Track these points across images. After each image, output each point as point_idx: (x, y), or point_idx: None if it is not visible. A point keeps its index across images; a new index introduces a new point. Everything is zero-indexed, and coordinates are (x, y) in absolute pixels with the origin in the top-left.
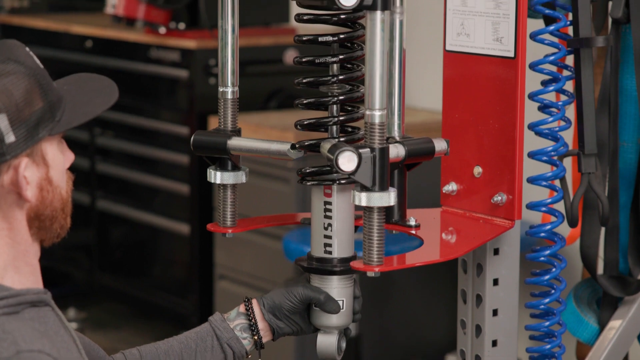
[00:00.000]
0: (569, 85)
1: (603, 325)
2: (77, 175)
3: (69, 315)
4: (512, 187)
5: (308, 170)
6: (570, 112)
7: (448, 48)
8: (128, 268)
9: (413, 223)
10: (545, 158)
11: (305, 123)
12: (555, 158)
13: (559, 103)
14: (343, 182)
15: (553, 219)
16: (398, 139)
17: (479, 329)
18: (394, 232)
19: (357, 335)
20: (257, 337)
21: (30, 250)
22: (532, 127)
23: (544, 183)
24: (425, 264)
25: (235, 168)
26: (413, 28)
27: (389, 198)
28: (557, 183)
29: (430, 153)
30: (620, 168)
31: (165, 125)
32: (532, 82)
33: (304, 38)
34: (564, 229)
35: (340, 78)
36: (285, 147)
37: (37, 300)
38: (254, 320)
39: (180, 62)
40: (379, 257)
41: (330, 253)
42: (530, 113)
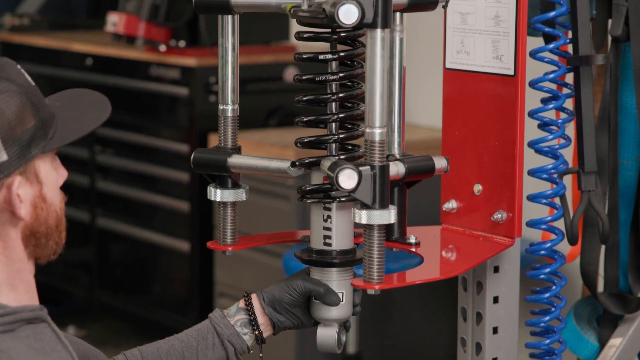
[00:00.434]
0: (569, 103)
1: (603, 343)
2: (77, 193)
3: (69, 333)
4: (512, 204)
5: (308, 188)
6: (570, 129)
7: (448, 66)
8: (128, 286)
9: (413, 241)
10: (545, 176)
11: (306, 141)
12: (555, 176)
13: (559, 121)
14: (343, 199)
15: (553, 237)
16: (398, 157)
17: (479, 347)
18: (394, 249)
19: (357, 353)
20: (257, 332)
21: (26, 268)
22: (532, 144)
23: (544, 201)
24: (426, 282)
25: (236, 186)
26: (413, 46)
27: (389, 216)
28: (557, 201)
29: (430, 171)
30: (620, 186)
31: (166, 143)
32: (532, 99)
33: (304, 56)
34: (564, 247)
35: (341, 96)
36: (285, 164)
37: (33, 318)
38: (254, 315)
39: (181, 79)
40: (379, 274)
41: (330, 245)
42: (530, 131)
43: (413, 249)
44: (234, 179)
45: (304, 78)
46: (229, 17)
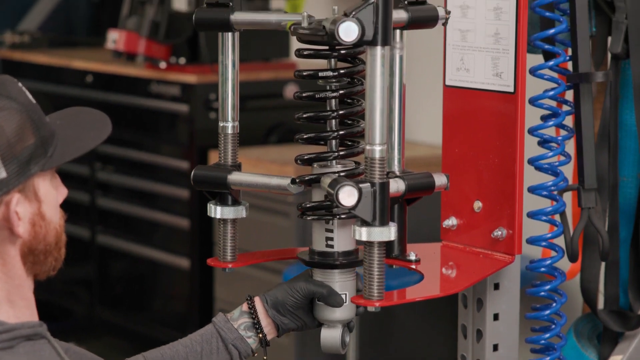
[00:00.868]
0: (569, 120)
1: None
2: (77, 210)
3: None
4: (512, 221)
5: (308, 205)
6: (570, 147)
7: (448, 83)
8: (128, 302)
9: (413, 258)
10: (545, 193)
11: (306, 158)
12: (555, 193)
13: (559, 138)
14: (343, 216)
15: (553, 254)
16: (398, 174)
17: None
18: (394, 266)
19: None
20: (261, 334)
21: (25, 285)
22: (532, 161)
23: (544, 218)
24: (426, 299)
25: (236, 203)
26: (413, 63)
27: (389, 233)
28: (557, 218)
29: (431, 188)
30: (620, 203)
31: (166, 160)
32: (531, 117)
33: (304, 73)
34: (564, 264)
35: (341, 113)
36: (286, 181)
37: (32, 334)
38: (257, 318)
39: (181, 96)
40: (380, 291)
41: (332, 247)
42: (530, 148)
43: (413, 266)
44: (234, 196)
45: (304, 95)
46: (229, 34)
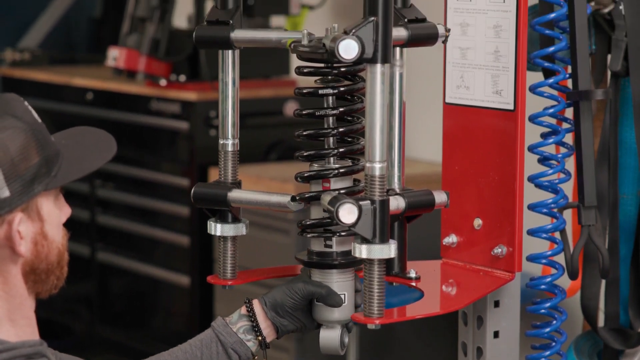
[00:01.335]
0: (569, 138)
1: None
2: (77, 227)
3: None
4: (512, 239)
5: (308, 222)
6: (570, 164)
7: (448, 100)
8: (128, 320)
9: (413, 275)
10: (545, 210)
11: (306, 175)
12: (555, 210)
13: (559, 155)
14: (343, 234)
15: (553, 271)
16: (398, 191)
17: None
18: (395, 284)
19: None
20: (260, 337)
21: (26, 304)
22: (532, 179)
23: (544, 235)
24: (426, 317)
25: (236, 220)
26: (413, 80)
27: (390, 250)
28: (557, 235)
29: (431, 205)
30: (620, 220)
31: (166, 177)
32: (531, 134)
33: (305, 91)
34: (565, 281)
35: (341, 130)
36: (286, 199)
37: (32, 353)
38: (257, 321)
39: (181, 114)
40: (380, 309)
41: (331, 247)
42: (530, 165)
43: (413, 284)
44: (234, 214)
45: (304, 113)
46: (230, 52)
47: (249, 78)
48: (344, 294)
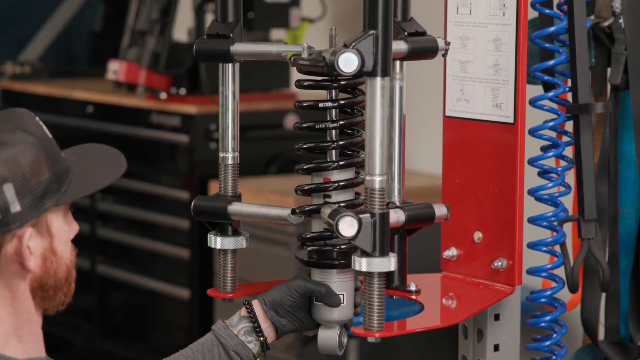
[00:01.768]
0: (569, 151)
1: None
2: (77, 240)
3: None
4: (512, 252)
5: (308, 236)
6: (570, 177)
7: (448, 114)
8: (128, 333)
9: (413, 288)
10: (545, 223)
11: (306, 188)
12: (555, 223)
13: (559, 169)
14: (344, 247)
15: (553, 285)
16: (398, 204)
17: None
18: (395, 297)
19: None
20: (262, 338)
21: (33, 320)
22: (532, 192)
23: (544, 248)
24: (426, 330)
25: (236, 233)
26: (413, 93)
27: (390, 263)
28: (557, 248)
29: (431, 218)
30: (621, 233)
31: (166, 190)
32: (531, 147)
33: (304, 104)
34: (565, 295)
35: (341, 144)
36: (286, 212)
37: None
38: (257, 322)
39: (181, 127)
40: (380, 322)
41: (330, 238)
42: (530, 178)
43: (413, 297)
44: (234, 227)
45: (304, 126)
46: (230, 65)
47: (249, 91)
48: (343, 294)
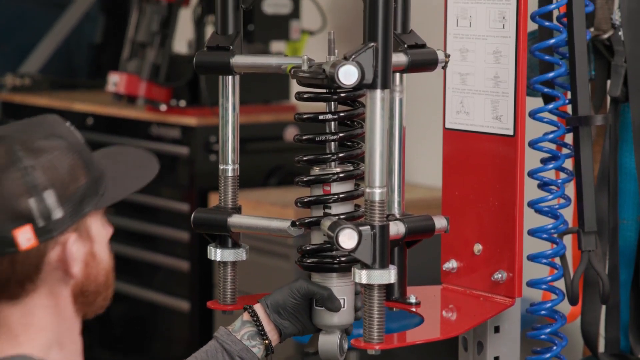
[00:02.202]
0: (569, 163)
1: None
2: None
3: None
4: (512, 264)
5: (308, 248)
6: (570, 189)
7: (447, 126)
8: (128, 345)
9: (413, 300)
10: (545, 236)
11: (306, 200)
12: (555, 236)
13: (559, 181)
14: (344, 259)
15: (553, 297)
16: (398, 216)
17: None
18: (395, 309)
19: None
20: (267, 341)
21: (74, 327)
22: (531, 204)
23: (544, 260)
24: (426, 342)
25: (236, 245)
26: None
27: (389, 275)
28: (557, 260)
29: (431, 230)
30: (621, 245)
31: (166, 202)
32: (531, 159)
33: (304, 116)
34: (565, 307)
35: (341, 156)
36: (286, 224)
37: None
38: (261, 325)
39: (181, 139)
40: (380, 334)
41: (330, 250)
42: (530, 190)
43: (413, 309)
44: (234, 239)
45: (304, 138)
46: (230, 77)
47: (249, 103)
48: (344, 299)
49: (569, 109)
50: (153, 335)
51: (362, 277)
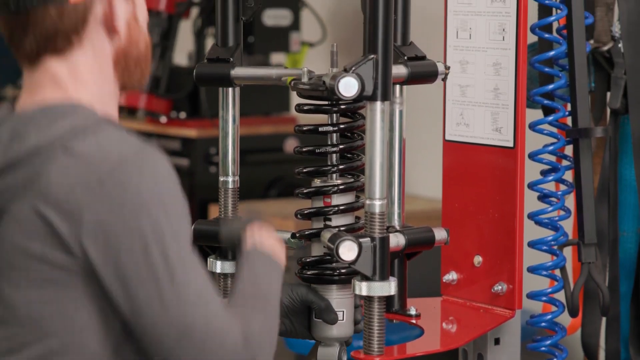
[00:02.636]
0: (568, 175)
1: None
2: None
3: None
4: (512, 276)
5: (308, 260)
6: (570, 201)
7: (447, 137)
8: None
9: (413, 312)
10: (545, 247)
11: (306, 212)
12: (555, 247)
13: (559, 193)
14: (343, 272)
15: (554, 309)
16: (398, 228)
17: None
18: (395, 321)
19: None
20: None
21: (114, 93)
22: (531, 216)
23: (544, 272)
24: (426, 354)
25: (236, 257)
26: (413, 117)
27: (390, 287)
28: (557, 272)
29: (431, 242)
30: (621, 257)
31: None
32: (531, 171)
33: (304, 128)
34: (565, 319)
35: (341, 167)
36: (286, 236)
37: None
38: None
39: (181, 151)
40: (380, 346)
41: (330, 262)
42: (530, 202)
43: (413, 321)
44: (234, 251)
45: (305, 150)
46: (230, 89)
47: (249, 115)
48: (343, 311)
49: (569, 121)
50: None
51: (362, 289)
